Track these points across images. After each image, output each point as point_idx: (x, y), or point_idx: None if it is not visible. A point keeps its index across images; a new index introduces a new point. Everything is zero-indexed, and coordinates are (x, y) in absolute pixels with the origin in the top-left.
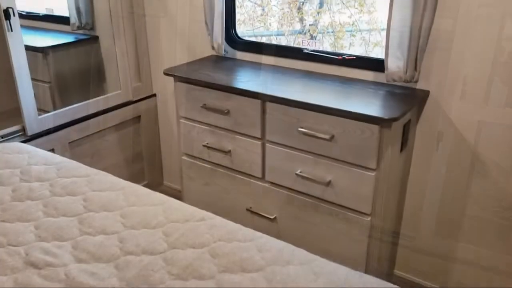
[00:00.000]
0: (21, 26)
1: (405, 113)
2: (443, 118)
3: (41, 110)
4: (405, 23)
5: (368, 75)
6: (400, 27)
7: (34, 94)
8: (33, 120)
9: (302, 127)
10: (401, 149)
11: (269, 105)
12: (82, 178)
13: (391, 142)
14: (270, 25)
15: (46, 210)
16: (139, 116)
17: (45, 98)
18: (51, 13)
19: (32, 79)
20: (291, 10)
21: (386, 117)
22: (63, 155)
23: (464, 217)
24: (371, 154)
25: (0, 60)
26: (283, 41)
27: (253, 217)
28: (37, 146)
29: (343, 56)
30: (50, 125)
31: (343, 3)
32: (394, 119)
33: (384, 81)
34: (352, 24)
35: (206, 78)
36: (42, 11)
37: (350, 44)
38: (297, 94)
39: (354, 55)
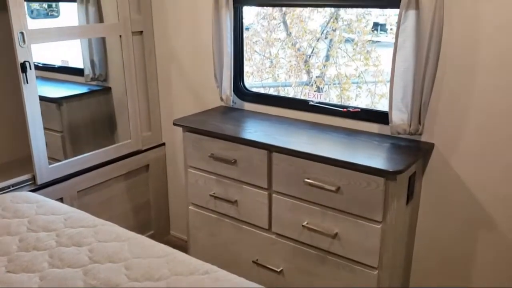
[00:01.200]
0: (37, 77)
1: (410, 165)
2: (448, 171)
3: (51, 159)
4: (407, 77)
5: (373, 127)
6: (403, 80)
7: (46, 143)
8: (44, 169)
9: (308, 178)
10: (407, 201)
11: (276, 155)
12: (89, 229)
13: (397, 194)
14: (278, 76)
15: (52, 260)
16: (148, 165)
17: (56, 147)
18: (66, 65)
19: (45, 128)
20: (298, 63)
21: (391, 170)
22: (71, 204)
23: (473, 269)
24: (377, 207)
25: (15, 109)
26: (290, 92)
27: (259, 270)
28: (46, 195)
29: (348, 109)
30: (60, 174)
31: (349, 57)
32: (399, 172)
33: (389, 134)
34: (358, 76)
35: (214, 128)
36: (58, 63)
37: (357, 95)
38: (304, 145)
39: (358, 108)
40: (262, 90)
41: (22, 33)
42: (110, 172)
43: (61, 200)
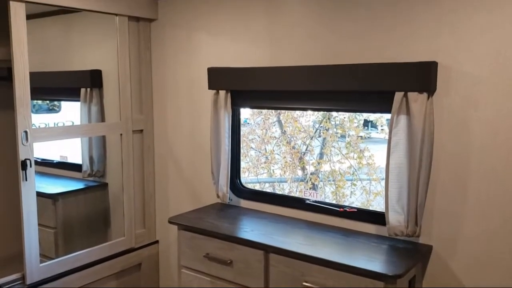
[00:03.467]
0: (35, 172)
1: (409, 269)
2: (448, 275)
3: (42, 256)
4: (402, 178)
5: (370, 228)
6: (398, 182)
7: (38, 239)
8: (34, 268)
9: (306, 281)
10: None
11: (273, 256)
12: None
13: None
14: (273, 172)
15: None
16: (140, 264)
17: (48, 244)
18: (65, 160)
19: (38, 224)
20: (293, 160)
21: (390, 274)
22: None
23: None
24: None
25: (8, 204)
26: (286, 187)
27: None
28: None
29: (345, 209)
30: (51, 273)
31: (342, 155)
32: (399, 276)
33: (387, 235)
34: (352, 174)
35: (209, 227)
36: (56, 158)
37: (352, 192)
38: (301, 246)
39: (355, 208)
40: (258, 186)
41: (26, 131)
42: (102, 271)
43: None
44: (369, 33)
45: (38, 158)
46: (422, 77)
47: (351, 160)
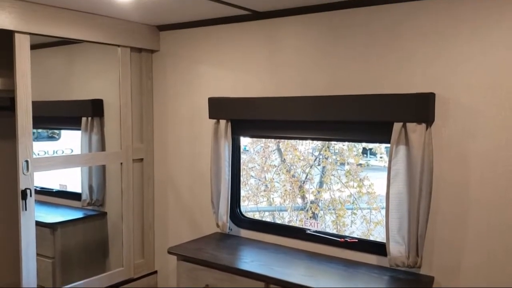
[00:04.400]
0: (35, 201)
1: None
2: None
3: (40, 287)
4: (402, 209)
5: (371, 258)
6: (398, 212)
7: (36, 269)
8: None
9: None
10: None
11: None
12: None
13: None
14: (273, 200)
15: None
16: None
17: (46, 274)
18: (64, 189)
19: (36, 254)
20: (293, 188)
21: None
22: None
23: None
24: None
25: (8, 234)
26: (286, 216)
27: None
28: None
29: (346, 239)
30: None
31: (342, 183)
32: None
33: (388, 265)
34: (353, 203)
35: (209, 257)
36: (56, 186)
37: (352, 221)
38: (302, 278)
39: (356, 238)
40: (257, 215)
41: (27, 161)
42: None
43: None
44: (368, 64)
45: (37, 187)
46: (420, 108)
47: (351, 188)
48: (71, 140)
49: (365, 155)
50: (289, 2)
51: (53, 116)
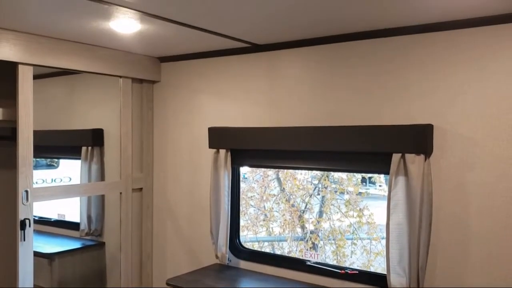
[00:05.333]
0: (33, 231)
1: None
2: None
3: None
4: (402, 240)
5: None
6: (399, 244)
7: None
8: None
9: None
10: None
11: None
12: None
13: None
14: (272, 230)
15: None
16: None
17: None
18: (62, 219)
19: (33, 285)
20: (293, 218)
21: None
22: None
23: None
24: None
25: (5, 265)
26: (285, 246)
27: None
28: None
29: (346, 271)
30: None
31: (342, 213)
32: None
33: None
34: (352, 233)
35: None
36: (54, 216)
37: (352, 252)
38: None
39: (356, 270)
40: (256, 245)
41: (26, 191)
42: None
43: None
44: (366, 95)
45: (35, 216)
46: (418, 139)
47: (351, 218)
48: (69, 168)
49: (364, 183)
50: (288, 36)
51: (54, 146)
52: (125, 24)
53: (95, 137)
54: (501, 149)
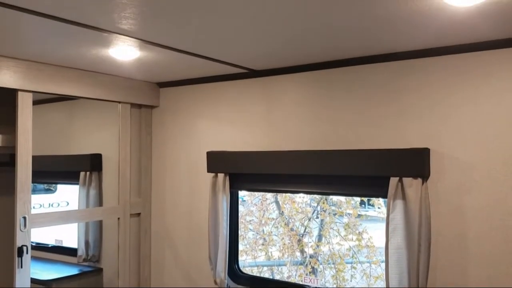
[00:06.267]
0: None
1: None
2: None
3: None
4: (402, 265)
5: None
6: (398, 268)
7: None
8: None
9: None
10: None
11: None
12: None
13: None
14: (271, 254)
15: None
16: None
17: None
18: (60, 244)
19: None
20: (292, 242)
21: None
22: None
23: None
24: None
25: None
26: (284, 271)
27: None
28: None
29: None
30: None
31: (341, 237)
32: None
33: None
34: (352, 256)
35: None
36: (51, 242)
37: (352, 276)
38: None
39: None
40: (255, 269)
41: (24, 217)
42: None
43: None
44: (364, 119)
45: (33, 242)
46: (415, 163)
47: (350, 242)
48: (67, 193)
49: (363, 205)
50: (285, 62)
51: (52, 171)
52: (124, 51)
53: (94, 162)
54: (497, 172)
